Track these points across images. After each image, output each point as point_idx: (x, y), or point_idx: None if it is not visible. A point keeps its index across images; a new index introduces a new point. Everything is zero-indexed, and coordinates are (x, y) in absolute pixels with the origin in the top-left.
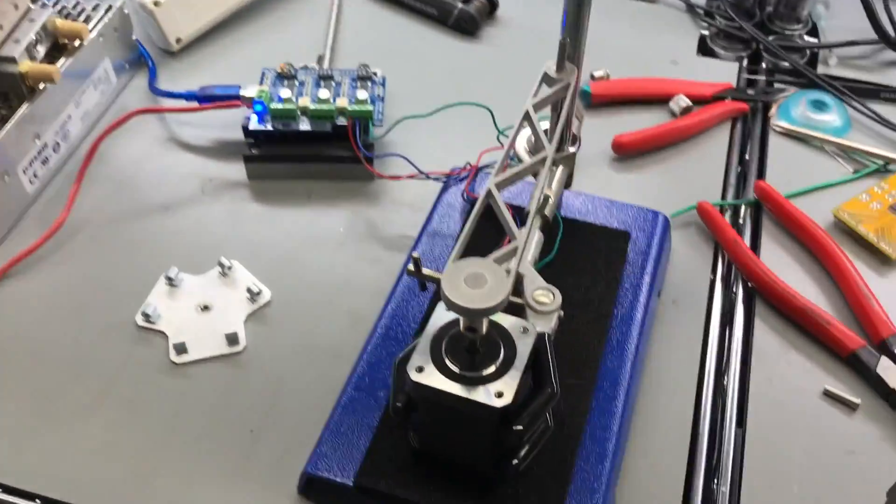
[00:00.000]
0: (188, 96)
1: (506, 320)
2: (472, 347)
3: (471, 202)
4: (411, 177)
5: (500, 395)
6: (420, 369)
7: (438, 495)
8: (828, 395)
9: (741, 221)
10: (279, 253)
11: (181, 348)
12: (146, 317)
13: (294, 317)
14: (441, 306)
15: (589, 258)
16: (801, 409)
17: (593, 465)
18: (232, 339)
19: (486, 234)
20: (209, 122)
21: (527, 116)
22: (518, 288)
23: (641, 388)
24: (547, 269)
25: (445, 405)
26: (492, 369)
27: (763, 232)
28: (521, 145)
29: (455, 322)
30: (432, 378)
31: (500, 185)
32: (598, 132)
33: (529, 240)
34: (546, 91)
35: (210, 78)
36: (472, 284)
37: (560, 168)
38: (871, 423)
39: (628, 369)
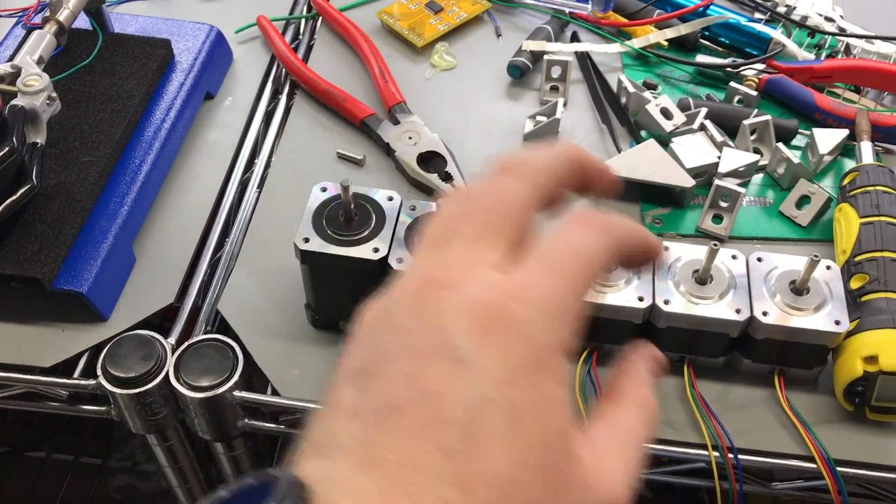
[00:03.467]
0: None
1: None
2: None
3: (28, 28)
4: None
5: None
6: None
7: None
8: (340, 156)
9: (303, 33)
10: None
11: None
12: None
13: None
14: None
15: (126, 63)
16: (315, 168)
17: (104, 223)
18: None
19: None
20: None
21: None
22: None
23: (182, 165)
24: (85, 73)
25: None
26: None
27: (319, 39)
28: None
29: None
30: None
31: None
32: None
33: (38, 41)
34: None
35: None
36: None
37: None
38: (375, 173)
39: (155, 150)
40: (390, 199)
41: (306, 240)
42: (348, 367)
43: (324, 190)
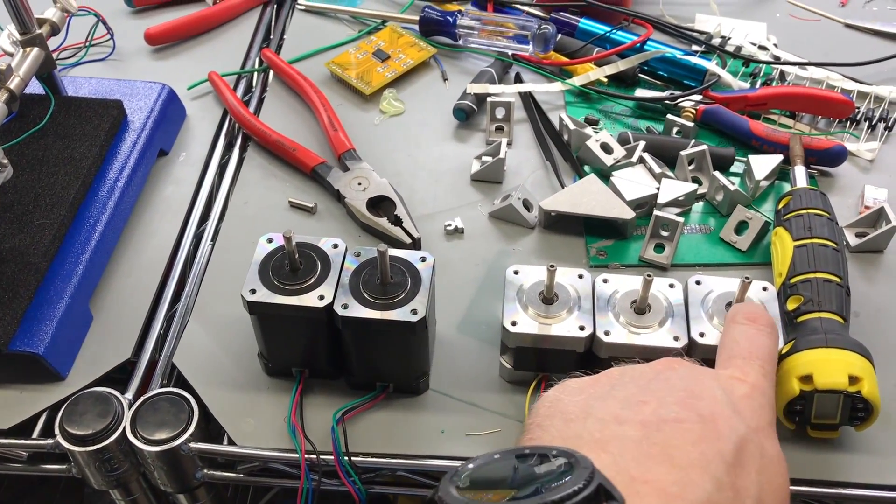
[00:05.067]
0: None
1: None
2: None
3: None
4: None
5: None
6: None
7: None
8: (292, 204)
9: (255, 87)
10: None
11: None
12: None
13: None
14: None
15: (79, 126)
16: (268, 218)
17: (60, 284)
18: None
19: None
20: None
21: None
22: None
23: (138, 222)
24: (39, 137)
25: None
26: None
27: (270, 92)
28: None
29: None
30: None
31: None
32: (140, 30)
33: None
34: None
35: None
36: None
37: (35, 49)
38: (327, 220)
39: (110, 209)
40: (335, 246)
41: (253, 291)
42: (596, 394)
43: (270, 241)
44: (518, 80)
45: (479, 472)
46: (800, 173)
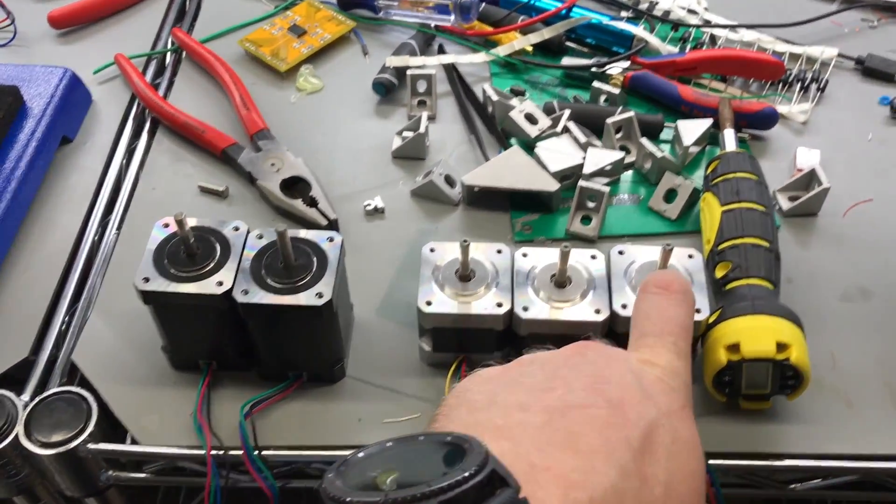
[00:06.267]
0: None
1: None
2: None
3: None
4: None
5: None
6: None
7: None
8: (202, 189)
9: (167, 68)
10: None
11: None
12: None
13: None
14: None
15: None
16: (177, 204)
17: None
18: None
19: None
20: None
21: None
22: None
23: (38, 213)
24: None
25: None
26: None
27: (181, 73)
28: None
29: None
30: None
31: None
32: (43, 13)
33: None
34: None
35: None
36: None
37: None
38: (239, 204)
39: (6, 201)
40: (236, 229)
41: (146, 279)
42: (503, 382)
43: (166, 226)
44: (441, 51)
45: (368, 463)
46: (729, 137)
